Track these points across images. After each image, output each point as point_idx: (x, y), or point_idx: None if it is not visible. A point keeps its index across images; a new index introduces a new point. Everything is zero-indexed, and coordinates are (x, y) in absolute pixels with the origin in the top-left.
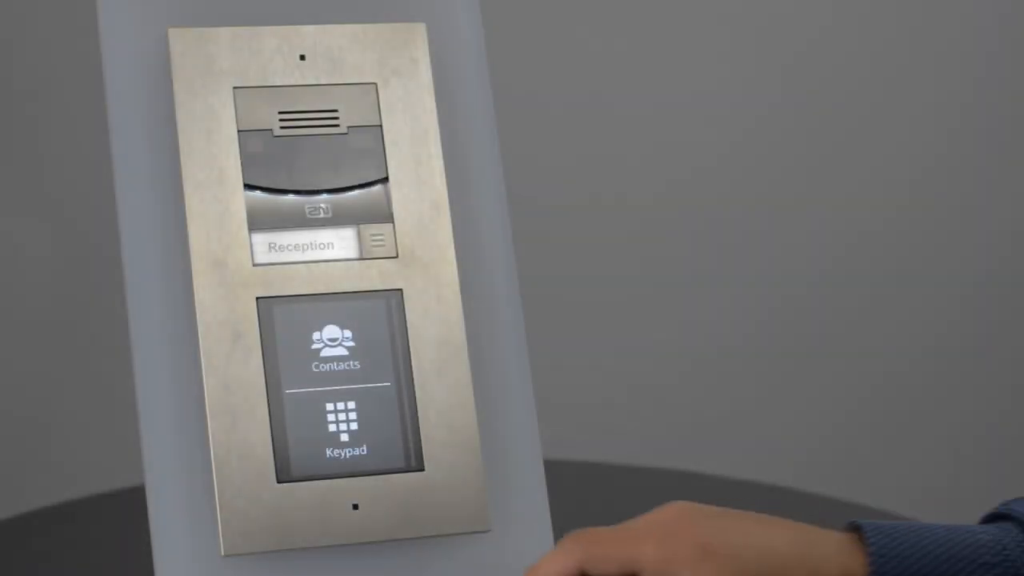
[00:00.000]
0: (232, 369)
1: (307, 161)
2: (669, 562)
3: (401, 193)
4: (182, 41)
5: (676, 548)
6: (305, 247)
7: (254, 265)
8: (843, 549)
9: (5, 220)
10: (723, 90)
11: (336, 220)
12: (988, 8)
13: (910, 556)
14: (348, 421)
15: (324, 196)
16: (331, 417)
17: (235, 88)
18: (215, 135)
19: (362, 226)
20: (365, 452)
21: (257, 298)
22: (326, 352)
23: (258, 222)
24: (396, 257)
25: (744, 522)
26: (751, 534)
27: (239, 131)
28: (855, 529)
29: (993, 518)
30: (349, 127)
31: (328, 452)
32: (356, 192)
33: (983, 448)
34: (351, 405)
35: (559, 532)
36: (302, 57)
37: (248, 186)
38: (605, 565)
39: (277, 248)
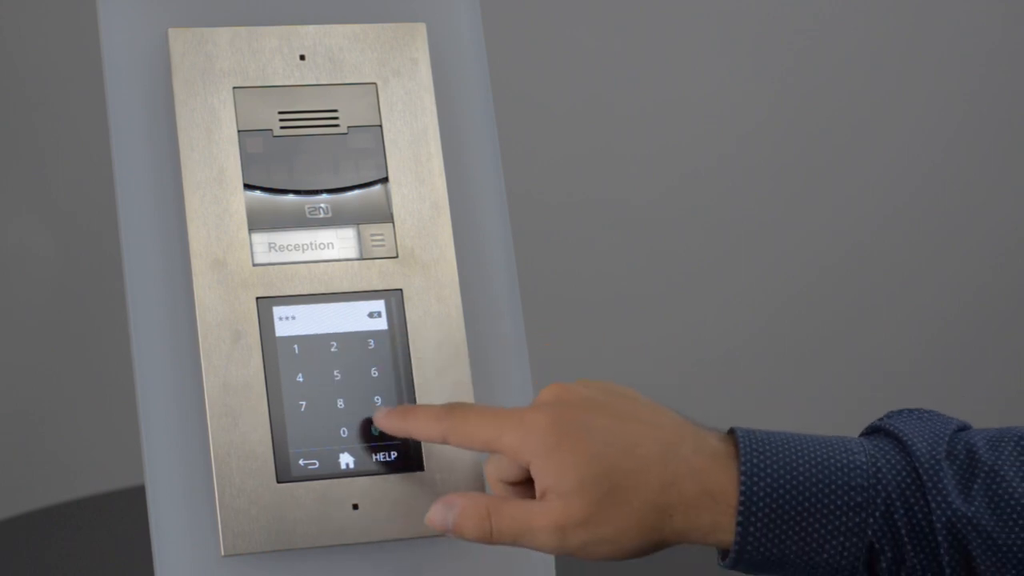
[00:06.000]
0: (232, 369)
1: (307, 161)
2: (521, 452)
3: (401, 193)
4: (182, 41)
5: (533, 439)
6: (305, 247)
7: (254, 265)
8: (711, 465)
9: (5, 220)
10: (723, 90)
11: (336, 220)
12: (988, 8)
13: (780, 477)
14: (348, 421)
15: (324, 196)
16: (331, 417)
17: (235, 88)
18: (215, 135)
19: (362, 226)
20: (365, 452)
21: (257, 298)
22: (326, 352)
23: (258, 222)
24: (396, 257)
25: (614, 418)
26: (615, 432)
27: (239, 131)
28: (732, 436)
29: (875, 431)
30: (349, 127)
31: (328, 452)
32: (356, 192)
33: None
34: (351, 405)
35: None
36: (302, 57)
37: (248, 186)
38: (468, 442)
39: (277, 248)
